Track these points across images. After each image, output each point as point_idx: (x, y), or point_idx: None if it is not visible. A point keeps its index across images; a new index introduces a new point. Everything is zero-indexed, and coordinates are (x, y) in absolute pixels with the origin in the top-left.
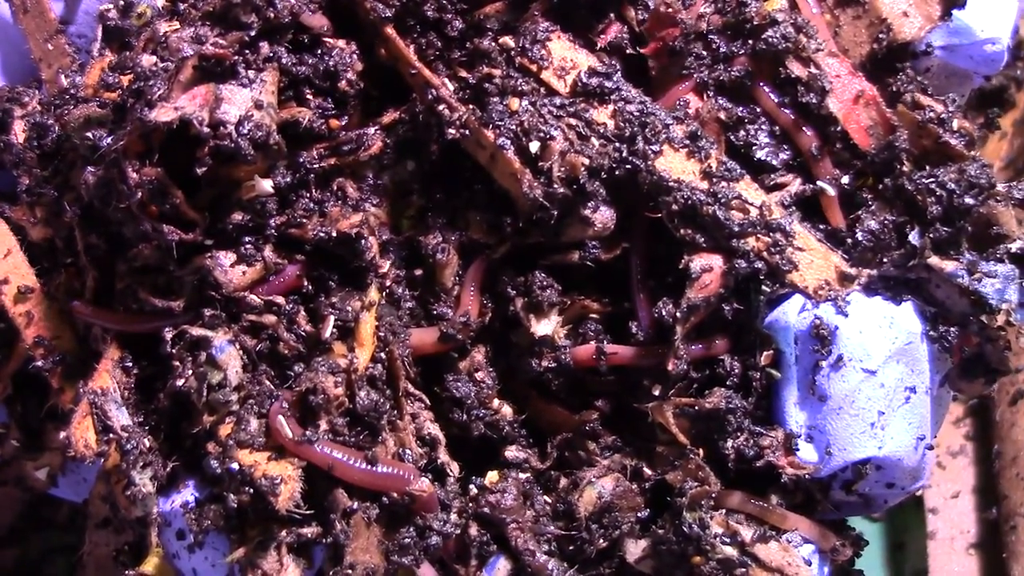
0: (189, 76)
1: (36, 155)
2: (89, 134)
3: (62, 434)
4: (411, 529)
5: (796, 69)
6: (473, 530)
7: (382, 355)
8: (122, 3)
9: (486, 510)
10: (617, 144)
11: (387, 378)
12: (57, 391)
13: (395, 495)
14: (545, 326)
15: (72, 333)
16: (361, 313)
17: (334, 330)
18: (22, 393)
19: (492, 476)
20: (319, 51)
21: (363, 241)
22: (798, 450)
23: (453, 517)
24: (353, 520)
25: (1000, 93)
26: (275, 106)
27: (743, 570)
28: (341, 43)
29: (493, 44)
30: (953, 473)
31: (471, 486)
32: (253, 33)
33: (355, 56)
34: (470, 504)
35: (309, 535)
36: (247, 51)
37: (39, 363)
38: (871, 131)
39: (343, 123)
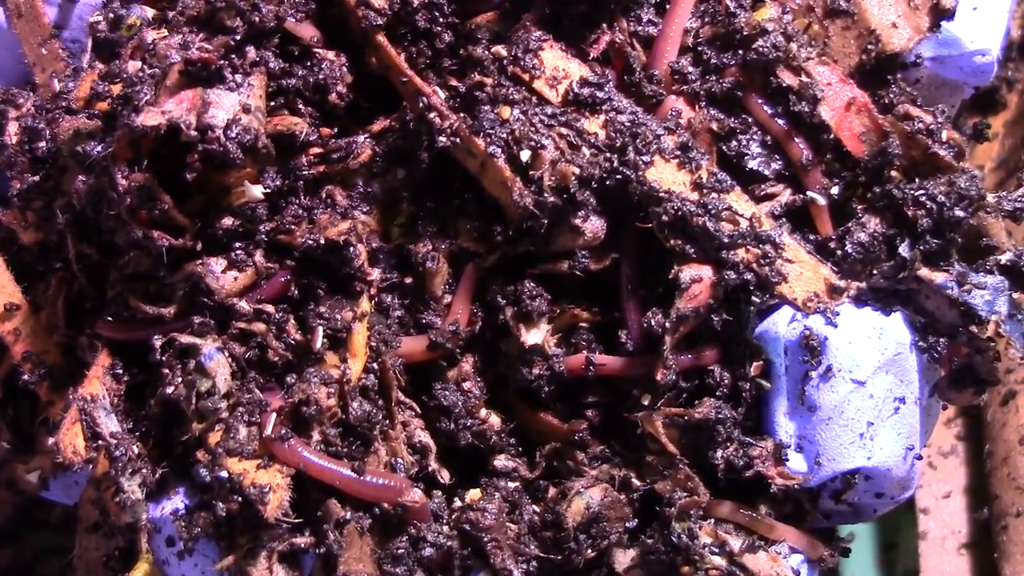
0: (176, 81)
1: (28, 159)
2: (79, 148)
3: (50, 440)
4: (404, 539)
5: (787, 78)
6: (455, 543)
7: (374, 365)
8: (112, 15)
9: (467, 527)
10: (608, 154)
11: (379, 388)
12: (46, 403)
13: (387, 506)
14: (535, 335)
15: (58, 347)
16: (353, 324)
17: (325, 340)
18: (14, 396)
19: (474, 493)
20: (309, 63)
21: (351, 248)
22: (787, 460)
23: (446, 528)
24: (346, 530)
25: (991, 95)
26: (263, 110)
27: None
28: (331, 55)
29: (485, 53)
30: (944, 473)
31: (456, 499)
32: (239, 37)
33: (344, 68)
34: (453, 517)
35: (302, 544)
36: (233, 55)
37: (27, 377)
38: (864, 137)
39: (334, 131)
